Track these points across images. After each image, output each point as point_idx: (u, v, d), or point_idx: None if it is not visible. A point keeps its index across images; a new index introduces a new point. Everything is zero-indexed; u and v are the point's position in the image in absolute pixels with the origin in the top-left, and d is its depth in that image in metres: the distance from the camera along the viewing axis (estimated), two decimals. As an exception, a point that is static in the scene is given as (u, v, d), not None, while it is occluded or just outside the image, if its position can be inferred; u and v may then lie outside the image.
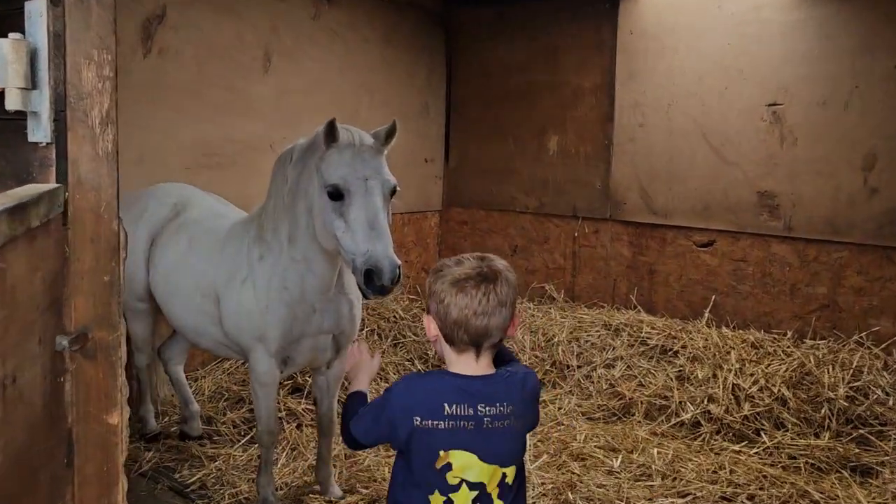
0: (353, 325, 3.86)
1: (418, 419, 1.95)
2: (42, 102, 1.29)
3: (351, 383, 2.37)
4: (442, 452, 1.95)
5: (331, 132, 3.19)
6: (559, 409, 5.39)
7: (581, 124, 6.69)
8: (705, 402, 5.11)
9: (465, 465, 1.95)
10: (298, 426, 4.91)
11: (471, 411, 1.95)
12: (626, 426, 5.09)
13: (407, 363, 5.98)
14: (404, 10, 6.92)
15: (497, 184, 7.23)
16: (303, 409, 5.01)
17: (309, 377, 5.17)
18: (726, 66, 5.86)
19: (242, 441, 4.74)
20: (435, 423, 1.94)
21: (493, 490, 1.99)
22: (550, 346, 5.99)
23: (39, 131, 1.30)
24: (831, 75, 5.42)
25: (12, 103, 1.26)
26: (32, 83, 1.28)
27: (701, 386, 5.24)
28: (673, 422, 5.07)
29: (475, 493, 1.97)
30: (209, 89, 5.27)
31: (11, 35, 1.24)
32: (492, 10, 7.17)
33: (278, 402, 4.99)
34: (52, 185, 1.28)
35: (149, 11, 4.84)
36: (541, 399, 5.51)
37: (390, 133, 3.35)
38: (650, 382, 5.43)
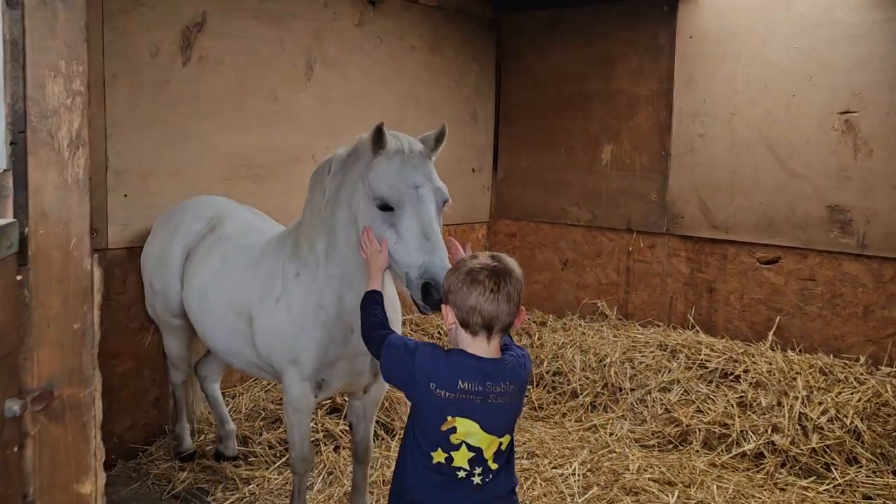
0: None
1: (433, 385, 2.26)
2: (-3, 122, 1.10)
3: (368, 271, 2.80)
4: (449, 417, 2.26)
5: (378, 138, 2.98)
6: (610, 434, 5.09)
7: (636, 134, 6.37)
8: (769, 431, 4.76)
9: (467, 431, 2.26)
10: (336, 448, 4.71)
11: (480, 388, 2.25)
12: (682, 456, 4.77)
13: (451, 382, 5.74)
14: (453, 16, 6.71)
15: (547, 195, 6.95)
16: (341, 431, 4.82)
17: (347, 398, 4.98)
18: (794, 72, 5.48)
19: (278, 463, 4.57)
20: (448, 393, 2.25)
21: (489, 456, 2.31)
22: (602, 367, 5.69)
23: (-4, 156, 1.11)
24: (912, 81, 5.01)
25: (-39, 124, 1.08)
26: (-14, 100, 1.10)
27: (764, 414, 4.89)
28: (734, 452, 4.73)
29: (472, 454, 2.28)
30: (249, 99, 5.14)
31: (-40, 44, 1.06)
32: (544, 16, 6.90)
33: (315, 423, 4.81)
34: (4, 220, 1.09)
35: (188, 19, 4.72)
36: (592, 423, 5.24)
37: (439, 138, 3.16)
38: (709, 409, 5.09)
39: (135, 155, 4.55)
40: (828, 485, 4.34)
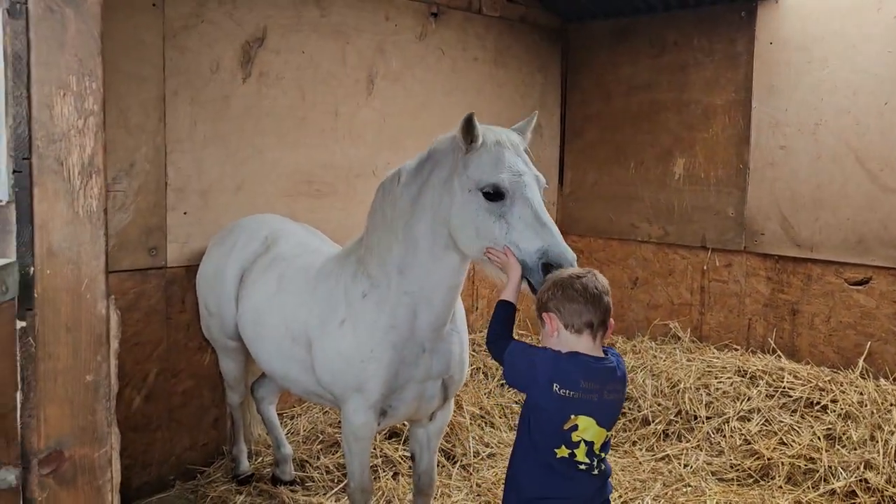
0: (462, 368, 3.47)
1: (556, 386, 2.47)
2: (-1, 148, 0.97)
3: (504, 279, 2.83)
4: (573, 416, 2.48)
5: (469, 129, 2.90)
6: (685, 465, 4.79)
7: (711, 146, 6.05)
8: (861, 468, 4.39)
9: (586, 427, 2.49)
10: (395, 475, 4.54)
11: (598, 385, 2.49)
12: (764, 491, 4.44)
13: (514, 405, 5.53)
14: (517, 27, 6.52)
15: (616, 211, 6.67)
16: (400, 457, 4.64)
17: (408, 425, 4.82)
18: (886, 78, 5.09)
19: (335, 489, 4.43)
20: (572, 392, 2.46)
21: (598, 447, 2.54)
22: (675, 394, 5.37)
23: (-3, 186, 0.98)
24: None
25: (-43, 150, 0.94)
26: (-14, 122, 0.96)
27: (856, 449, 4.52)
28: (822, 490, 4.37)
29: (587, 448, 2.51)
30: (310, 114, 5.05)
31: (-44, 59, 0.92)
32: (612, 25, 6.65)
33: (374, 449, 4.65)
34: (3, 260, 0.95)
35: (248, 34, 4.66)
36: (665, 453, 4.95)
37: (530, 126, 3.23)
38: (793, 441, 4.73)
39: (195, 172, 4.50)
40: (929, 529, 3.96)
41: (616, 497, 4.36)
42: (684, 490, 4.48)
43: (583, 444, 2.50)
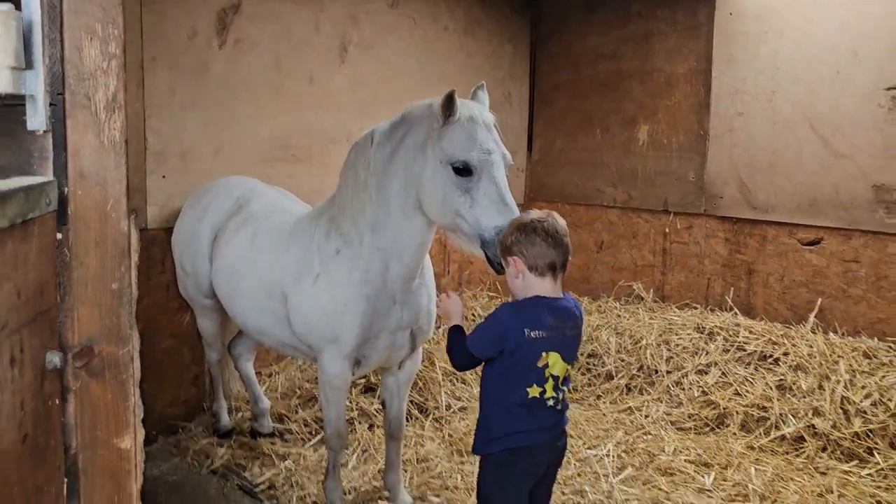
0: (430, 319, 3.67)
1: (527, 330, 2.65)
2: (37, 84, 1.12)
3: (447, 322, 3.01)
4: (544, 353, 2.68)
5: (450, 105, 3.03)
6: (646, 416, 5.06)
7: (674, 114, 6.28)
8: (810, 415, 4.68)
9: (554, 362, 2.71)
10: (370, 427, 4.76)
11: (560, 324, 2.70)
12: (719, 438, 4.73)
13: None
14: (487, -3, 6.67)
15: (583, 177, 6.89)
16: (375, 410, 4.86)
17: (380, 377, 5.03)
18: (839, 49, 5.34)
19: (313, 441, 4.62)
20: (541, 332, 2.66)
21: (562, 381, 2.76)
22: (638, 350, 5.64)
23: (36, 118, 1.13)
24: (961, 55, 4.85)
25: (3, 85, 1.09)
26: (26, 62, 1.12)
27: (805, 397, 4.81)
28: (773, 436, 4.67)
29: (553, 382, 2.72)
30: (286, 81, 5.17)
31: (0, 5, 1.08)
32: (580, -6, 6.82)
33: (350, 402, 4.86)
34: (40, 178, 1.11)
35: (224, 1, 4.76)
36: (627, 405, 5.22)
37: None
38: (747, 391, 5.02)
39: (174, 137, 4.62)
40: (870, 469, 4.26)
41: (581, 444, 4.61)
42: (644, 438, 4.74)
43: (550, 380, 2.70)
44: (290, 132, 5.25)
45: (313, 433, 4.72)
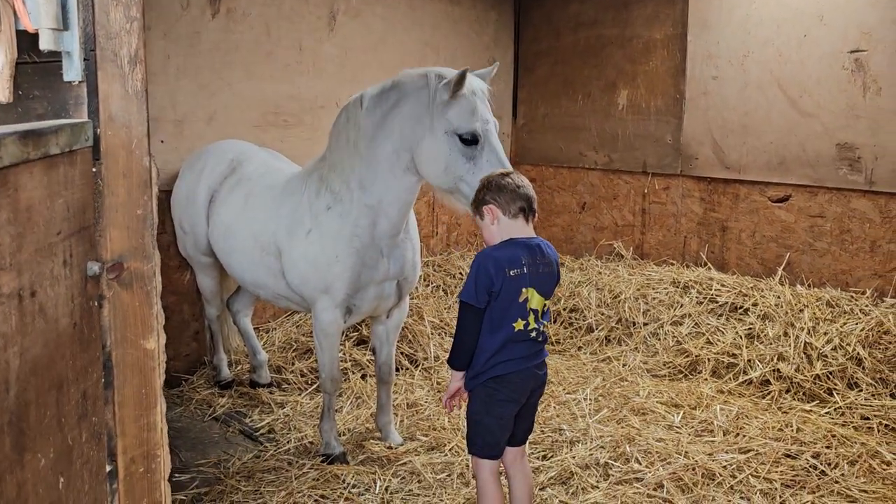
0: (415, 270, 3.97)
1: (507, 269, 2.87)
2: (73, 42, 1.36)
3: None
4: (524, 289, 2.90)
5: (461, 82, 3.28)
6: (624, 365, 5.36)
7: (652, 78, 6.52)
8: (775, 360, 4.98)
9: (532, 296, 2.93)
10: (363, 377, 5.05)
11: (532, 260, 2.93)
12: (691, 383, 5.03)
13: (472, 319, 6.04)
14: (471, -35, 6.85)
15: (566, 140, 7.14)
16: (367, 360, 5.15)
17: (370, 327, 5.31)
18: (806, 12, 5.58)
19: (309, 389, 4.92)
20: (519, 270, 2.89)
21: (541, 314, 2.99)
22: (617, 304, 5.93)
23: (72, 70, 1.38)
24: (920, 18, 5.09)
25: (45, 43, 1.33)
26: (64, 24, 1.36)
27: (771, 344, 5.11)
28: (741, 380, 4.97)
29: (533, 316, 2.95)
30: (276, 48, 5.38)
31: (42, -23, 1.31)
32: (561, -38, 7.01)
33: (343, 353, 5.14)
34: (80, 119, 1.36)
35: (216, -28, 4.95)
36: (606, 355, 5.52)
37: (490, 75, 3.62)
38: (718, 340, 5.32)
39: (169, 103, 4.84)
40: (829, 408, 4.57)
41: (561, 390, 4.91)
42: (621, 384, 5.04)
43: (531, 313, 2.94)
44: (280, 98, 5.47)
45: (309, 383, 5.01)
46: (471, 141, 3.30)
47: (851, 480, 3.78)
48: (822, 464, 3.92)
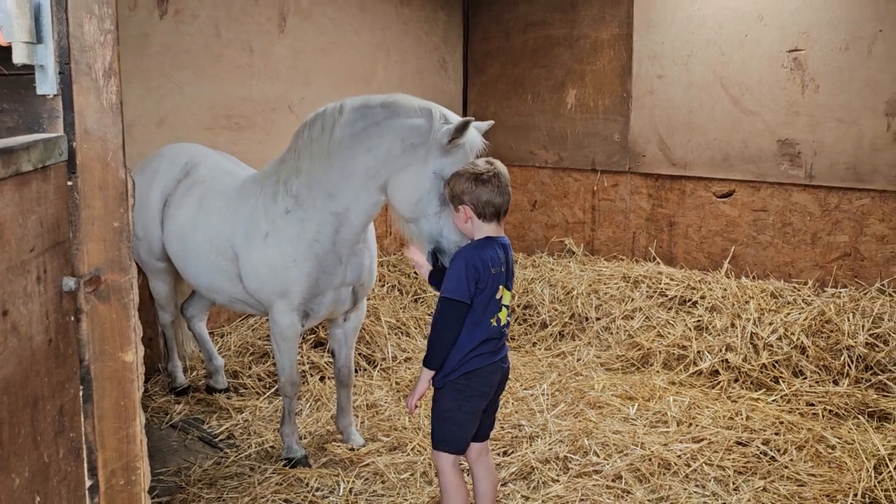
0: (371, 276, 3.99)
1: (490, 268, 2.94)
2: (48, 56, 1.35)
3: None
4: (500, 287, 3.00)
5: (463, 132, 3.27)
6: (577, 360, 5.47)
7: (599, 77, 6.65)
8: (723, 351, 5.15)
9: (504, 293, 3.06)
10: (321, 379, 5.05)
11: (504, 259, 3.03)
12: (644, 376, 5.16)
13: (427, 317, 6.08)
14: (420, -34, 6.88)
15: (516, 139, 7.23)
16: (325, 363, 5.14)
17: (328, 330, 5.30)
18: (746, 13, 5.77)
19: (267, 394, 4.89)
20: (497, 269, 2.97)
21: (509, 309, 3.13)
22: (569, 300, 6.04)
23: (46, 84, 1.36)
24: (854, 19, 5.31)
25: (19, 57, 1.32)
26: (37, 37, 1.35)
27: (719, 335, 5.27)
28: (691, 371, 5.12)
29: (505, 311, 3.08)
30: (227, 50, 5.33)
31: (16, -10, 1.30)
32: (508, -37, 7.09)
33: (301, 356, 5.13)
34: (54, 134, 1.35)
35: (163, -27, 4.88)
36: (560, 350, 5.62)
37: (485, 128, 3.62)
38: (669, 333, 5.47)
39: (118, 106, 4.74)
40: (776, 396, 4.75)
41: (518, 386, 4.99)
42: (576, 378, 5.14)
43: (503, 308, 3.06)
44: (232, 101, 5.42)
45: (267, 387, 4.99)
46: None
47: (800, 465, 3.94)
48: (771, 450, 4.07)
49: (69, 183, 1.39)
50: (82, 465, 1.42)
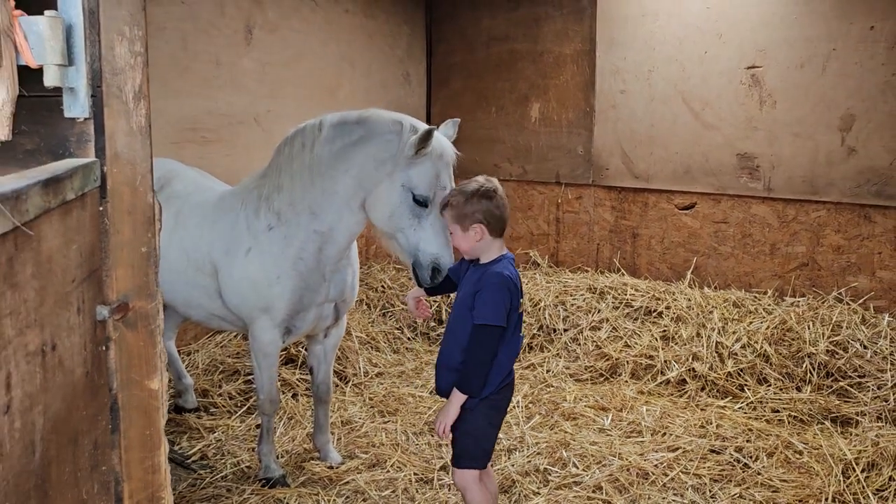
0: (353, 293, 3.96)
1: (518, 285, 3.00)
2: (79, 78, 1.31)
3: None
4: (522, 299, 3.07)
5: (426, 141, 3.26)
6: (548, 371, 5.52)
7: (562, 92, 6.75)
8: (690, 360, 5.26)
9: (524, 303, 3.31)
10: (294, 396, 4.99)
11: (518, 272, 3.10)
12: (613, 386, 5.23)
13: (396, 331, 6.07)
14: (383, -21, 6.89)
15: (481, 152, 7.28)
16: (297, 380, 5.08)
17: (302, 347, 5.24)
18: (706, 31, 5.94)
19: (239, 412, 4.80)
20: (519, 284, 3.04)
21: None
22: (537, 311, 6.09)
23: (77, 107, 1.32)
24: (809, 38, 5.52)
25: (50, 79, 1.28)
26: (69, 60, 1.31)
27: (685, 345, 5.39)
28: (659, 380, 5.22)
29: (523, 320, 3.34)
30: (193, 63, 5.24)
31: (47, 12, 1.26)
32: (471, -22, 7.16)
33: (273, 373, 5.05)
34: (89, 159, 1.31)
35: (130, -15, 4.78)
36: (530, 362, 5.66)
37: (454, 130, 3.64)
38: (636, 343, 5.56)
39: (83, 120, 4.63)
40: (742, 403, 4.87)
41: (491, 399, 5.01)
42: (548, 390, 5.19)
43: (521, 317, 3.14)
44: (198, 114, 5.33)
45: (238, 405, 4.90)
46: (422, 203, 3.32)
47: (772, 472, 4.05)
48: (744, 457, 4.18)
49: (100, 208, 1.36)
50: (111, 498, 1.38)
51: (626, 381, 5.29)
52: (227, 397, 4.98)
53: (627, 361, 5.42)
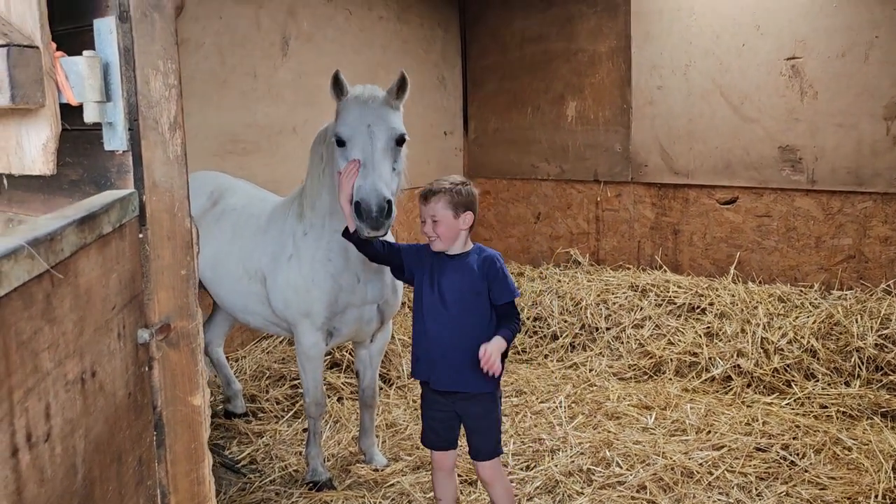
0: (396, 295, 4.01)
1: None
2: (117, 113, 1.39)
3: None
4: None
5: (336, 83, 3.36)
6: (590, 370, 5.51)
7: (599, 90, 6.72)
8: (735, 356, 5.20)
9: None
10: (339, 399, 5.07)
11: None
12: (657, 384, 5.20)
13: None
14: (416, -16, 6.95)
15: (518, 153, 7.30)
16: (342, 384, 5.17)
17: (347, 352, 5.33)
18: (743, 23, 5.86)
19: (286, 416, 4.91)
20: None
21: None
22: (579, 310, 6.09)
23: (115, 140, 1.40)
24: (850, 26, 5.40)
25: (90, 116, 1.36)
26: (107, 96, 1.38)
27: (730, 341, 5.33)
28: (703, 378, 5.17)
29: None
30: (232, 76, 5.36)
31: (86, 52, 1.33)
32: (503, -21, 7.17)
33: (318, 378, 5.14)
34: (126, 190, 1.38)
35: (169, 3, 4.91)
36: (573, 361, 5.66)
37: (401, 85, 3.43)
38: (679, 340, 5.52)
39: (129, 137, 4.77)
40: (789, 399, 4.80)
41: (535, 399, 5.03)
42: (591, 389, 5.19)
43: None
44: (238, 126, 5.46)
45: (285, 410, 5.00)
46: (339, 143, 3.33)
47: (820, 469, 3.99)
48: (791, 454, 4.12)
49: (140, 235, 1.43)
50: (158, 510, 1.45)
51: (671, 379, 5.26)
52: (275, 402, 5.08)
53: (671, 359, 5.38)
